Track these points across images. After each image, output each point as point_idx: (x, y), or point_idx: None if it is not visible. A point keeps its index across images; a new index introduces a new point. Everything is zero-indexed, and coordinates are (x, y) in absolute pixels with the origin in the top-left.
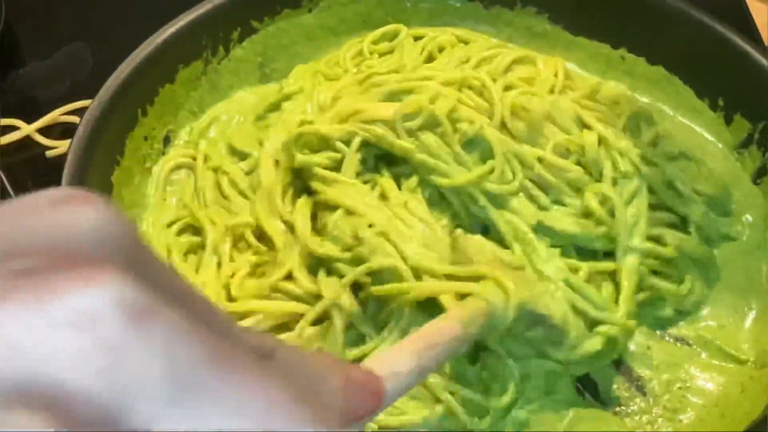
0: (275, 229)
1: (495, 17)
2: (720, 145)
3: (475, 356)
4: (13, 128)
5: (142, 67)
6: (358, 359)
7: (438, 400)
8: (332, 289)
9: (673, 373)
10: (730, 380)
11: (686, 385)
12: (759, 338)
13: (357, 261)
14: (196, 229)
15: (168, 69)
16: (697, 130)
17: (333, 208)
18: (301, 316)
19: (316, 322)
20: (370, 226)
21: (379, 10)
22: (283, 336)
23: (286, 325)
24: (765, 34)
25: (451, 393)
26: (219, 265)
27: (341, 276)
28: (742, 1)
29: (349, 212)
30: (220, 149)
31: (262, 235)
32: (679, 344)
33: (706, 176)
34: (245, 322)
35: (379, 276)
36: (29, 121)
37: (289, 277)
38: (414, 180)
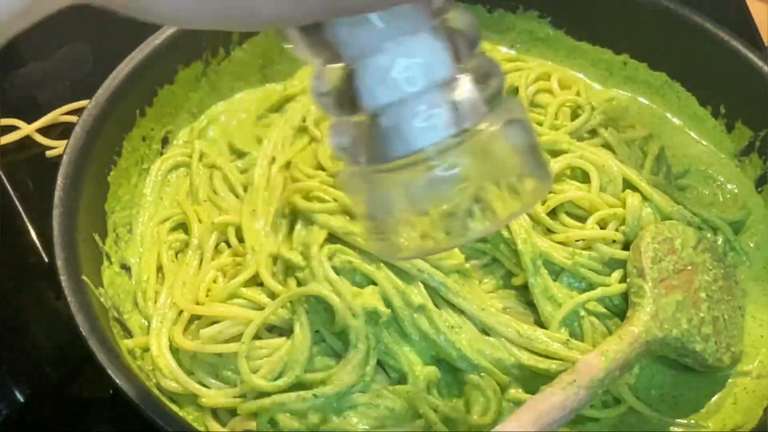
0: (251, 230)
1: (497, 21)
2: (722, 155)
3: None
4: (13, 128)
5: (140, 68)
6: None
7: (418, 415)
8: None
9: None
10: (723, 392)
11: (679, 392)
12: (759, 349)
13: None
14: (187, 227)
15: (167, 70)
16: (700, 138)
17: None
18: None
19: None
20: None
21: None
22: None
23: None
24: (765, 34)
25: (432, 408)
26: (200, 263)
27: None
28: (742, 1)
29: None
30: (218, 147)
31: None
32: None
33: (731, 202)
34: (213, 328)
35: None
36: (29, 121)
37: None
38: None
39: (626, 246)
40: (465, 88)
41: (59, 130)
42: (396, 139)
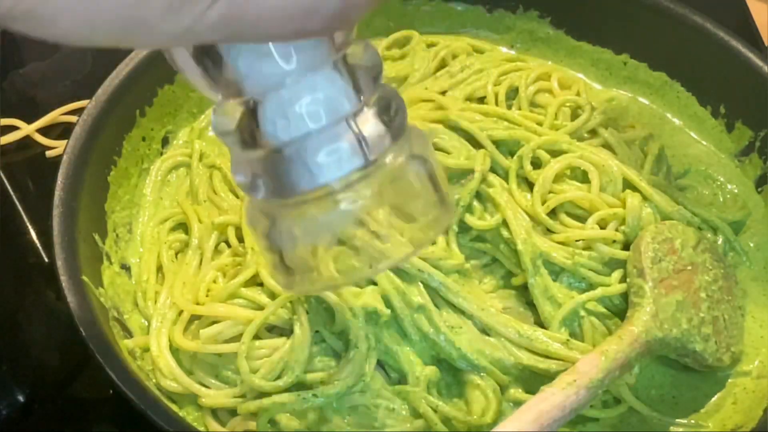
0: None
1: (497, 21)
2: (722, 155)
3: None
4: (13, 128)
5: (140, 68)
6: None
7: (418, 415)
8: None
9: (665, 383)
10: (723, 392)
11: (679, 392)
12: (759, 349)
13: None
14: (187, 227)
15: (167, 70)
16: (700, 138)
17: None
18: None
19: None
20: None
21: (381, 14)
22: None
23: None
24: (765, 34)
25: (432, 408)
26: (200, 263)
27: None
28: (742, 1)
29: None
30: (218, 147)
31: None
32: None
33: (731, 202)
34: (213, 328)
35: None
36: (29, 121)
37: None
38: None
39: (626, 246)
40: (369, 120)
41: (59, 130)
42: (300, 174)
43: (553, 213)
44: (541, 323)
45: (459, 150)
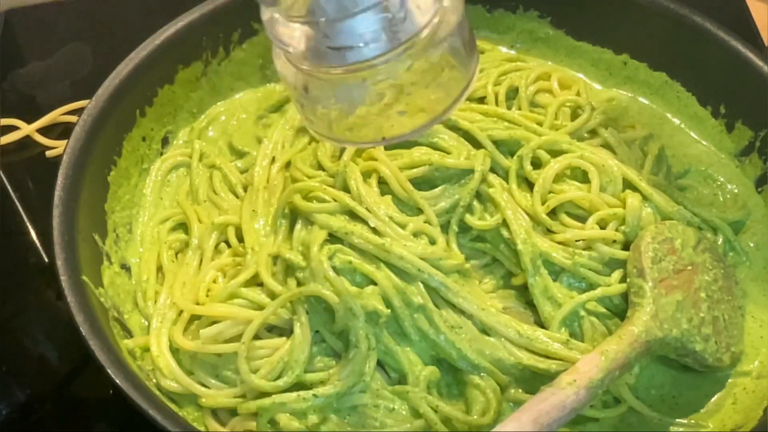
0: (251, 230)
1: (497, 21)
2: (722, 155)
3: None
4: (13, 128)
5: (140, 68)
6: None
7: (418, 415)
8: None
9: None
10: (723, 392)
11: (679, 392)
12: (759, 349)
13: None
14: (187, 227)
15: (167, 70)
16: (700, 138)
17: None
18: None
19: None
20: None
21: None
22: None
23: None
24: (765, 34)
25: (432, 408)
26: (200, 263)
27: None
28: (742, 1)
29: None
30: (218, 147)
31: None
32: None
33: (731, 202)
34: (213, 328)
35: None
36: (29, 121)
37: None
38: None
39: (626, 246)
40: (403, 3)
41: (59, 130)
42: (345, 52)
43: (553, 213)
44: (541, 323)
45: (459, 150)
